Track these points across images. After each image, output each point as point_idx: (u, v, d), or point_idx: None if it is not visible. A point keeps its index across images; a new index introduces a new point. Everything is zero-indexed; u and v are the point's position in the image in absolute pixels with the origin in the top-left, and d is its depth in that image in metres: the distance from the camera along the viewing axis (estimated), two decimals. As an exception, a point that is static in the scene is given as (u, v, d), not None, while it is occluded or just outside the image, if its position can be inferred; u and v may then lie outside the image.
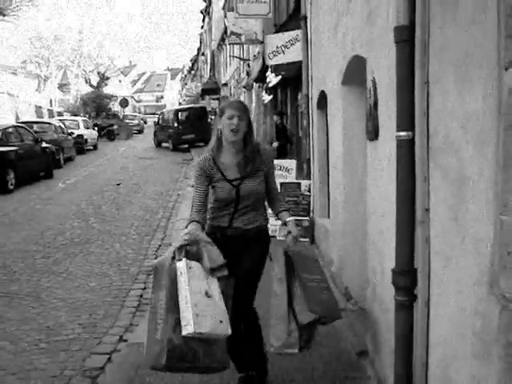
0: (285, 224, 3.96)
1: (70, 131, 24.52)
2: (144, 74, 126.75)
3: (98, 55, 64.95)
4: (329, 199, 7.22)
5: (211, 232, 3.86)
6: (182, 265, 3.40)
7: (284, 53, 10.48)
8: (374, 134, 4.07)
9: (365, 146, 4.60)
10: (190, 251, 3.50)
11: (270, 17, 13.38)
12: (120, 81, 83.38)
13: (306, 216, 8.84)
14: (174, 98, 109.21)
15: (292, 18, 11.24)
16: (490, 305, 2.09)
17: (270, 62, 11.39)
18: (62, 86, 62.39)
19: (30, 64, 57.97)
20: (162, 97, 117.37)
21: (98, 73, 64.96)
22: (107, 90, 61.35)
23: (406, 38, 2.85)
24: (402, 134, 2.88)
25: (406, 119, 2.86)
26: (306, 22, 8.75)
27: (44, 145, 18.34)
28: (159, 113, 37.85)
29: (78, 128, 27.14)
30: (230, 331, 3.38)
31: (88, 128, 29.32)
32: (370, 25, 4.15)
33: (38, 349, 5.33)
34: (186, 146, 28.93)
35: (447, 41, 2.54)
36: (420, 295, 2.87)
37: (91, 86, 61.87)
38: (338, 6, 5.68)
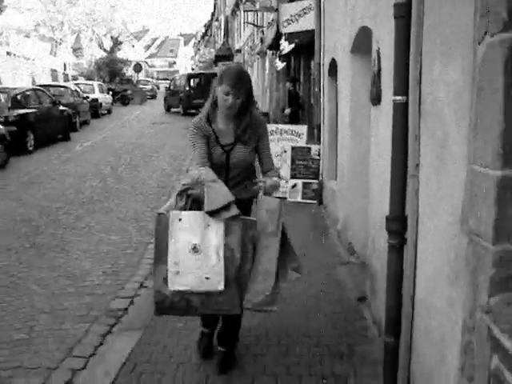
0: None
1: (85, 95, 24.91)
2: (157, 39, 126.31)
3: (112, 19, 64.85)
4: (337, 163, 7.64)
5: None
6: (170, 216, 3.25)
7: (298, 21, 10.82)
8: (377, 99, 4.47)
9: (369, 111, 5.01)
10: (193, 195, 3.30)
11: (286, -13, 13.72)
12: (133, 46, 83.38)
13: (315, 179, 9.28)
14: (186, 63, 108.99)
15: (306, -12, 11.54)
16: (461, 239, 2.53)
17: (284, 30, 11.74)
18: (76, 50, 62.55)
19: (43, 27, 57.92)
20: (174, 62, 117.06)
21: (112, 37, 64.96)
22: (120, 54, 61.40)
23: (404, 14, 3.24)
24: (398, 98, 3.29)
25: (402, 85, 3.27)
26: (318, -8, 9.06)
27: (61, 108, 18.79)
28: (171, 78, 38.26)
29: (93, 92, 27.53)
30: (220, 287, 3.18)
31: (103, 92, 29.71)
32: (376, -1, 4.53)
33: (67, 293, 5.83)
34: (197, 110, 29.29)
35: (437, 19, 2.94)
36: (409, 238, 3.31)
37: (104, 50, 61.95)
38: (348, -21, 6.03)
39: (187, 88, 30.40)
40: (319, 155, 9.24)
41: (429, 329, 3.08)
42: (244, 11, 23.05)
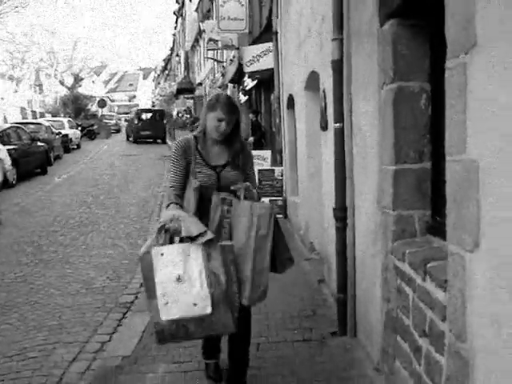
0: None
1: (57, 131, 26.00)
2: (116, 73, 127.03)
3: (72, 57, 66.01)
4: (297, 180, 9.11)
5: None
6: (153, 253, 3.46)
7: (259, 61, 12.39)
8: (325, 126, 5.95)
9: (319, 136, 6.50)
10: (171, 228, 3.50)
11: (247, 32, 15.43)
12: (93, 81, 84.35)
13: (279, 196, 10.75)
14: (146, 97, 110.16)
15: (265, 32, 13.13)
16: (377, 213, 3.99)
17: (247, 70, 13.31)
18: (36, 87, 63.34)
19: (2, 65, 58.55)
20: (134, 96, 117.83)
21: (72, 74, 66.01)
22: (81, 90, 62.33)
23: (338, 68, 4.73)
24: (337, 125, 4.76)
25: (339, 116, 4.75)
26: (276, 37, 10.61)
27: (39, 144, 19.95)
28: (130, 112, 43.44)
29: (64, 128, 28.64)
30: (208, 310, 3.41)
31: (72, 128, 30.85)
32: (320, 51, 6.04)
33: (80, 293, 7.08)
34: (145, 139, 35.35)
35: (358, 70, 4.43)
36: (349, 222, 4.76)
37: (66, 87, 62.93)
38: (300, 32, 7.56)
39: (136, 122, 36.20)
40: (282, 175, 10.72)
41: (364, 280, 4.53)
42: (207, 50, 24.67)
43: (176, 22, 62.70)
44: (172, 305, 3.39)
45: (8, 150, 16.70)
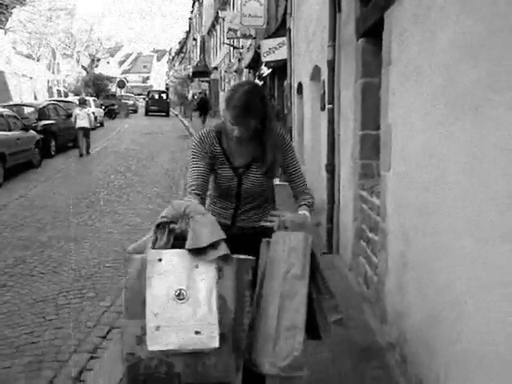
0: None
1: (85, 109, 28.05)
2: (130, 55, 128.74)
3: (89, 39, 67.81)
4: (303, 151, 11.21)
5: None
6: (149, 257, 2.56)
7: (274, 52, 14.50)
8: (323, 107, 8.03)
9: (319, 115, 8.59)
10: (176, 230, 2.63)
11: (265, 27, 17.64)
12: (108, 62, 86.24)
13: (288, 167, 12.84)
14: (160, 79, 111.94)
15: (280, 27, 15.20)
16: (351, 163, 6.08)
17: (264, 59, 15.43)
18: (54, 67, 65.26)
19: (20, 45, 60.22)
20: (148, 78, 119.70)
21: (90, 54, 67.94)
22: (97, 70, 64.19)
23: (331, 66, 6.81)
24: (329, 106, 6.86)
25: (331, 99, 6.83)
26: (289, 33, 12.67)
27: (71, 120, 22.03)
28: (147, 92, 54.01)
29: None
30: (214, 343, 2.48)
31: (97, 107, 32.93)
32: (322, 51, 8.10)
33: (132, 232, 9.18)
34: (153, 112, 47.43)
35: (344, 68, 6.51)
36: (336, 172, 6.87)
37: (82, 67, 64.90)
38: (308, 33, 9.62)
39: (147, 99, 49.95)
40: (291, 149, 12.81)
41: (344, 211, 6.64)
42: (227, 38, 26.69)
43: (193, 7, 64.43)
44: (166, 330, 2.50)
45: (47, 124, 18.79)
